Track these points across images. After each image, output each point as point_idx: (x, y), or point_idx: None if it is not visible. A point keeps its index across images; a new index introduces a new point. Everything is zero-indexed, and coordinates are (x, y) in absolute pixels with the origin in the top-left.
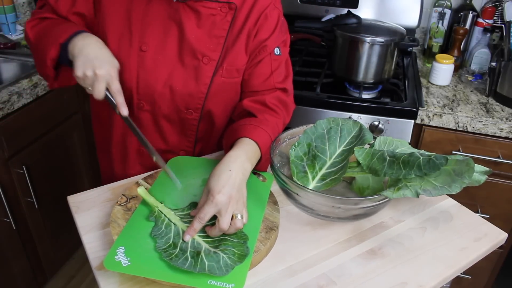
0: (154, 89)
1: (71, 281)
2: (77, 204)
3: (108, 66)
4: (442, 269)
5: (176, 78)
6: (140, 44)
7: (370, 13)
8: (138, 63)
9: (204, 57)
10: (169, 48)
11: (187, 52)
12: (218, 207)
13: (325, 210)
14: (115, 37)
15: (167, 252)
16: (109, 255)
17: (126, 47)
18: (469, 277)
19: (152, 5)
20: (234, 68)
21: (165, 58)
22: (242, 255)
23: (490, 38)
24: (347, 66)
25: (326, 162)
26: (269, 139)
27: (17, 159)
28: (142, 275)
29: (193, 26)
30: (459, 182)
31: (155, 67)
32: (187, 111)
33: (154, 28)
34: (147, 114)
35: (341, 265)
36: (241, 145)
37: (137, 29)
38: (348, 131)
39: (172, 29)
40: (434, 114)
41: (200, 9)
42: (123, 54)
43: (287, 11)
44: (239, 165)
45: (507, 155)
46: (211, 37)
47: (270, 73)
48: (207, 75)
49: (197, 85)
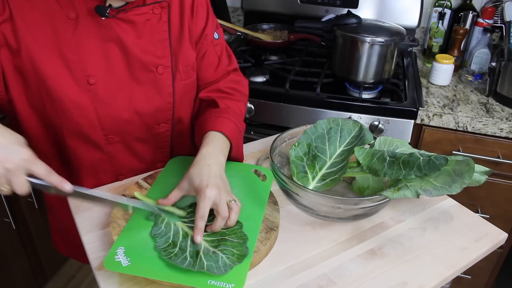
0: (119, 119)
1: (71, 281)
2: (77, 204)
3: (18, 150)
4: (442, 269)
5: (138, 100)
6: (86, 77)
7: (370, 13)
8: (91, 99)
9: (158, 67)
10: (118, 70)
11: (138, 67)
12: (212, 199)
13: (325, 210)
14: (54, 79)
15: (167, 251)
16: (109, 255)
17: (71, 86)
18: (469, 277)
19: (80, 33)
20: (189, 67)
21: (118, 83)
22: (241, 255)
23: (490, 38)
24: (347, 66)
25: (326, 162)
26: (235, 126)
27: None
28: (142, 275)
29: (133, 38)
30: (460, 182)
31: (111, 97)
32: (159, 126)
33: (93, 56)
34: (118, 145)
35: (341, 265)
36: (210, 140)
37: (75, 63)
38: (348, 131)
39: (112, 50)
40: (434, 114)
41: (133, 18)
42: (71, 95)
43: (287, 11)
44: (214, 159)
45: (507, 155)
46: (155, 44)
47: (218, 60)
48: (168, 84)
49: (162, 97)
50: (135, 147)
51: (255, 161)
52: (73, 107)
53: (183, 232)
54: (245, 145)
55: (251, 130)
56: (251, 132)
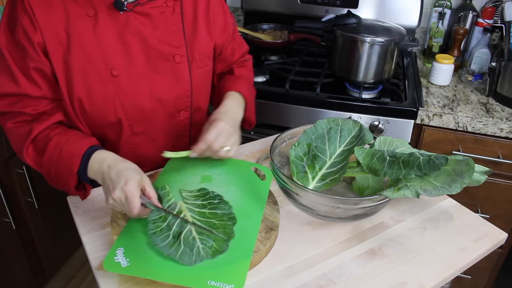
0: (143, 108)
1: (71, 281)
2: (77, 204)
3: (133, 175)
4: (442, 269)
5: (159, 88)
6: (109, 70)
7: (370, 13)
8: (115, 90)
9: (175, 56)
10: (138, 61)
11: (157, 58)
12: (219, 132)
13: (325, 210)
14: (81, 75)
15: (155, 224)
16: (109, 256)
17: (97, 80)
18: (469, 277)
19: (100, 28)
20: (205, 56)
21: (139, 73)
22: (218, 251)
23: (490, 38)
24: (347, 66)
25: (326, 162)
26: (249, 89)
27: (17, 159)
28: (141, 275)
29: (150, 30)
30: (459, 182)
31: (134, 87)
32: (179, 114)
33: (114, 49)
34: (142, 136)
35: (341, 265)
36: (230, 96)
37: (98, 58)
38: (348, 131)
39: (132, 42)
40: (434, 114)
41: (149, 11)
42: (97, 88)
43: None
44: (234, 109)
45: (507, 155)
46: (170, 34)
47: (241, 43)
48: (185, 71)
49: (180, 85)
50: (158, 137)
51: (255, 161)
52: (101, 100)
53: (178, 211)
54: (245, 145)
55: (251, 130)
56: (251, 132)
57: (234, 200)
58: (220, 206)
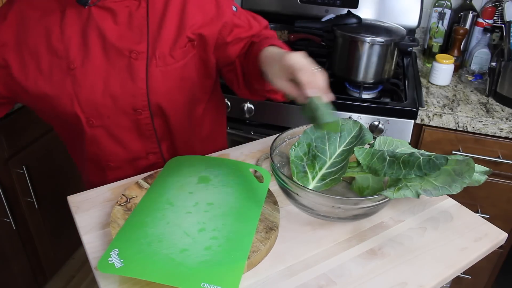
0: (95, 102)
1: (71, 281)
2: (77, 204)
3: None
4: (442, 269)
5: (112, 84)
6: (68, 63)
7: (370, 13)
8: (72, 83)
9: (131, 53)
10: (95, 56)
11: (113, 53)
12: (298, 57)
13: (325, 210)
14: (46, 71)
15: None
16: (103, 258)
17: (58, 73)
18: (469, 277)
19: (65, 22)
20: (167, 54)
21: (94, 68)
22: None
23: (490, 38)
24: (347, 66)
25: (326, 162)
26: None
27: (17, 159)
28: (134, 276)
29: (110, 25)
30: (460, 182)
31: (88, 81)
32: (135, 112)
33: (75, 43)
34: (100, 130)
35: (341, 265)
36: (273, 47)
37: (62, 51)
38: (348, 131)
39: (91, 37)
40: (434, 114)
41: (112, 5)
42: (58, 82)
43: (287, 11)
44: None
45: (507, 155)
46: (133, 30)
47: (249, 25)
48: (141, 69)
49: (135, 83)
50: (118, 133)
51: (255, 161)
52: (59, 91)
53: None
54: (245, 145)
55: (251, 130)
56: (251, 132)
57: (231, 202)
58: None
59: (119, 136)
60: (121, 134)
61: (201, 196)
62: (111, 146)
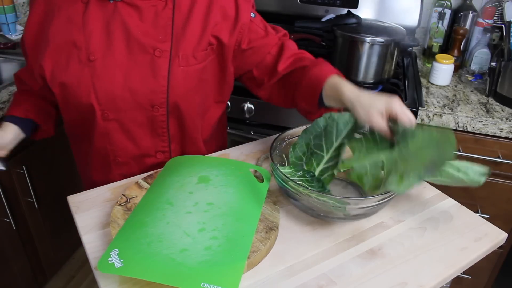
0: (114, 95)
1: (71, 281)
2: (77, 204)
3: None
4: (442, 269)
5: (133, 78)
6: (88, 55)
7: (370, 13)
8: (91, 74)
9: (155, 50)
10: (117, 50)
11: (137, 49)
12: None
13: (325, 210)
14: (62, 60)
15: None
16: (103, 258)
17: (76, 64)
18: (469, 277)
19: (88, 15)
20: (190, 55)
21: (116, 61)
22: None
23: (490, 38)
24: (347, 66)
25: (323, 157)
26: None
27: (17, 159)
28: (134, 276)
29: (135, 21)
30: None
31: (108, 73)
32: (153, 108)
33: (97, 35)
34: (114, 123)
35: (341, 265)
36: (336, 80)
37: (82, 42)
38: (344, 123)
39: (115, 31)
40: (434, 114)
41: (138, 3)
42: (74, 72)
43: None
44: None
45: (507, 155)
46: (158, 28)
47: (265, 32)
48: (163, 67)
49: (156, 79)
50: (131, 128)
51: (255, 161)
52: (76, 80)
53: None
54: (245, 145)
55: (251, 130)
56: (251, 132)
57: (231, 202)
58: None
59: (131, 131)
60: (134, 129)
61: (201, 196)
62: (122, 140)
